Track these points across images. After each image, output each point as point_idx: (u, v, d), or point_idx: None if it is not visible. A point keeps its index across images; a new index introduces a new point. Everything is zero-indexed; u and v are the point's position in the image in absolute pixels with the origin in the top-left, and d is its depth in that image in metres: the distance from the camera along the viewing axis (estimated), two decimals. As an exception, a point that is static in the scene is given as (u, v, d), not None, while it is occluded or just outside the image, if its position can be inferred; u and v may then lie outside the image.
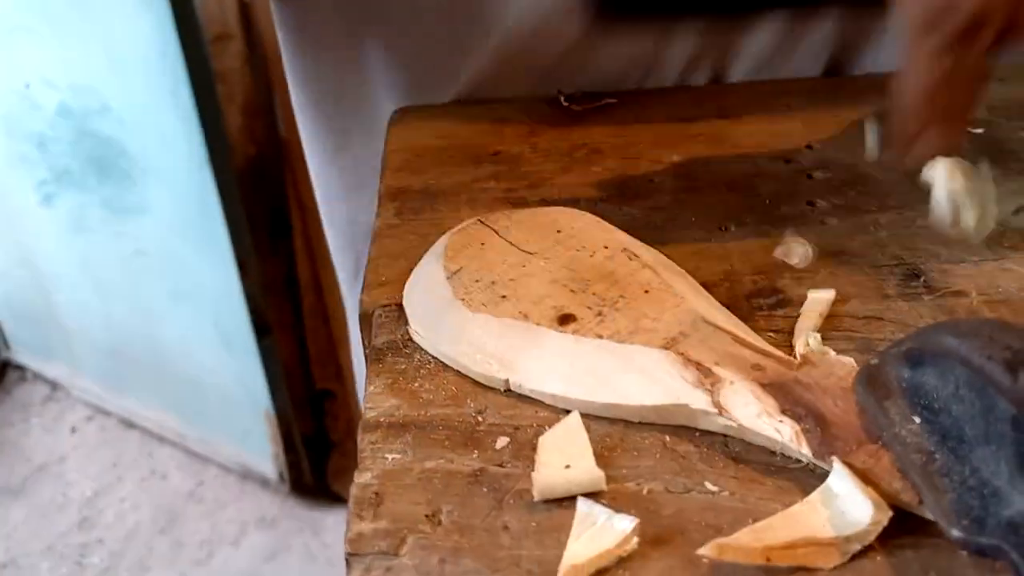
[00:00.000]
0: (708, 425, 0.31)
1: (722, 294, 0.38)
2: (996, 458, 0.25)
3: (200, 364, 1.53)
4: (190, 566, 1.51)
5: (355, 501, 0.30)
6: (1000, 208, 0.42)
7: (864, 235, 0.41)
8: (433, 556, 0.28)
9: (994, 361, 0.24)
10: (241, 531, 1.56)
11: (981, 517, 0.24)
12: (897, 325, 0.35)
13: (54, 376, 1.78)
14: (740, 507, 0.29)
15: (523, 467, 0.31)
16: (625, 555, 0.27)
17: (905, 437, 0.27)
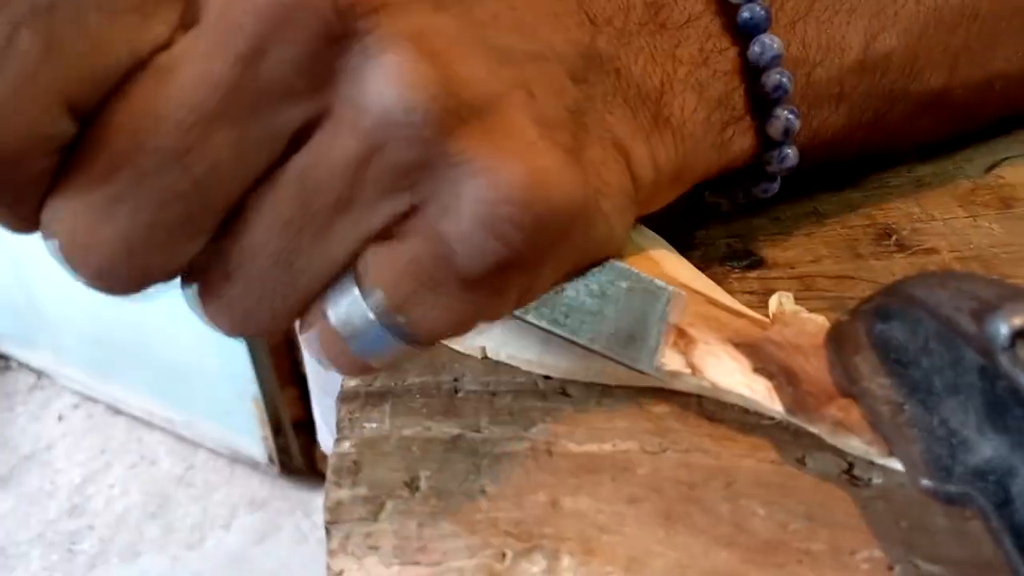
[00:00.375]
0: (682, 385, 0.31)
1: (696, 258, 0.38)
2: (964, 408, 0.25)
3: (186, 349, 1.52)
4: (181, 549, 1.51)
5: (333, 470, 0.30)
6: (974, 166, 0.43)
7: (838, 197, 0.41)
8: (411, 521, 0.28)
9: (961, 311, 0.24)
10: (232, 514, 1.57)
11: (949, 466, 0.24)
12: (869, 283, 0.36)
13: (39, 365, 1.78)
14: (714, 464, 0.29)
15: (500, 432, 0.31)
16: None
17: (875, 390, 0.27)
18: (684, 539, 0.27)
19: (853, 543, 0.26)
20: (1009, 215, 0.39)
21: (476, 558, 0.27)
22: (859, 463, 0.28)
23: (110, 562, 1.49)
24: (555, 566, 0.26)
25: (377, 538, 0.28)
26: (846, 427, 0.27)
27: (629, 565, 0.26)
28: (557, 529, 0.27)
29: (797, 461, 0.29)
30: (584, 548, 0.27)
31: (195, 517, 1.52)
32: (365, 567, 0.27)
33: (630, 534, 0.27)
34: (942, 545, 0.26)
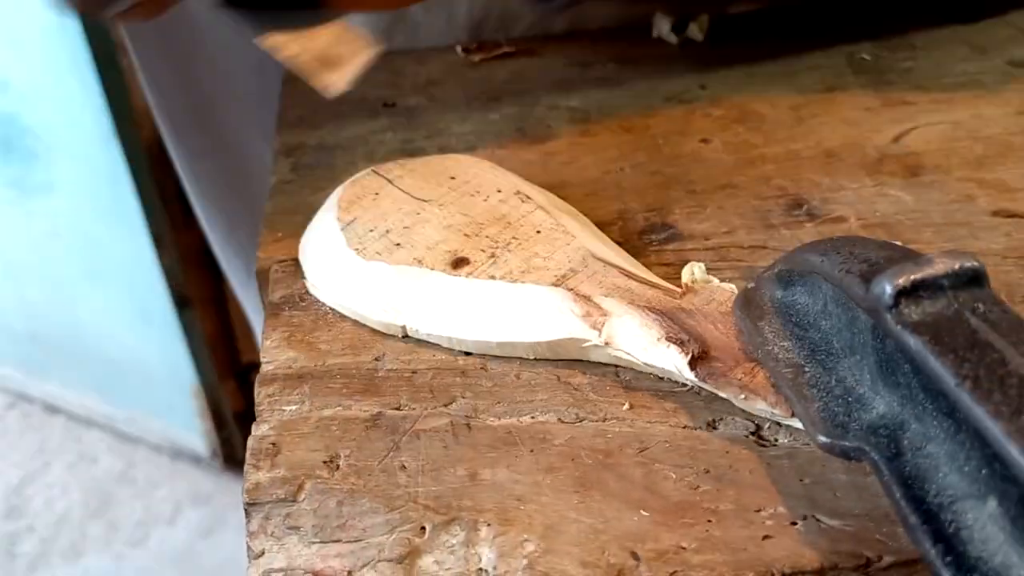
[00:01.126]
0: (599, 357, 0.32)
1: (616, 232, 0.38)
2: (860, 367, 0.26)
3: (122, 344, 1.50)
4: (126, 547, 1.49)
5: (251, 453, 0.30)
6: (882, 135, 0.44)
7: (751, 169, 0.42)
8: (331, 499, 0.28)
9: (852, 274, 0.25)
10: (176, 509, 1.55)
11: (845, 423, 0.25)
12: (780, 252, 0.36)
13: (-30, 365, 1.73)
14: (628, 431, 0.30)
15: (420, 408, 0.31)
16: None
17: (778, 353, 0.28)
18: (599, 505, 0.27)
19: (759, 501, 0.27)
20: (915, 183, 0.40)
21: (395, 533, 0.27)
22: (767, 425, 0.29)
23: (52, 563, 1.46)
24: (473, 537, 0.27)
25: (296, 518, 0.28)
26: (752, 390, 0.28)
27: (545, 533, 0.27)
28: (475, 501, 0.28)
29: (708, 425, 0.29)
30: (502, 518, 0.27)
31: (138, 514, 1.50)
32: (285, 547, 0.28)
33: (546, 503, 0.27)
34: (843, 499, 0.27)
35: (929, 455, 0.23)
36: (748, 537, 0.26)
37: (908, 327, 0.22)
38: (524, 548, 0.26)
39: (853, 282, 0.25)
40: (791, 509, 0.26)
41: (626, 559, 0.26)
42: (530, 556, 0.26)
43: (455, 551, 0.27)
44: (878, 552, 0.25)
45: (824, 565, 0.25)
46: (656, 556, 0.26)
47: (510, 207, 0.37)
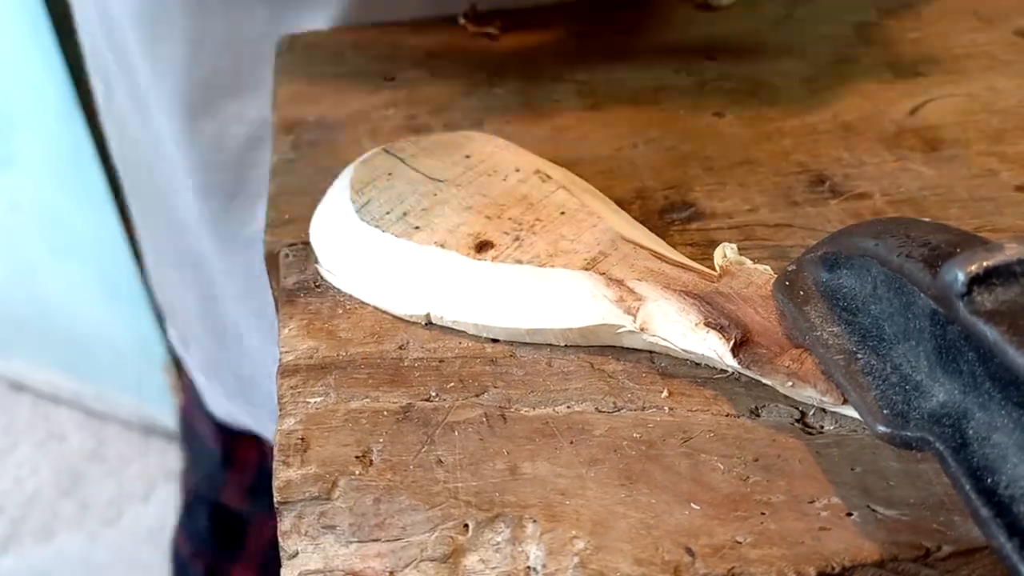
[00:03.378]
0: (633, 343, 0.31)
1: (635, 211, 0.37)
2: (916, 353, 0.26)
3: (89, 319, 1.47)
4: (99, 526, 1.47)
5: (279, 449, 0.29)
6: (897, 109, 0.43)
7: (769, 144, 0.41)
8: (367, 497, 0.27)
9: (912, 259, 0.24)
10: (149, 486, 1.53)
11: (904, 412, 0.25)
12: (807, 231, 0.36)
13: (-69, 344, 1.69)
14: (670, 420, 0.29)
15: (451, 399, 0.30)
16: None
17: (827, 339, 0.27)
18: (646, 498, 0.26)
19: (811, 491, 0.26)
20: (936, 157, 0.40)
21: (437, 531, 0.26)
22: (811, 412, 0.29)
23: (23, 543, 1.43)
24: (519, 534, 0.26)
25: (332, 516, 0.27)
26: (800, 378, 0.28)
27: (594, 529, 0.26)
28: (518, 496, 0.27)
29: (751, 413, 0.29)
30: (547, 514, 0.26)
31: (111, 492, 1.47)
32: (321, 547, 0.27)
33: (592, 497, 0.27)
34: (896, 488, 0.26)
35: (996, 445, 0.23)
36: (804, 530, 0.25)
37: (982, 316, 0.21)
38: (574, 545, 0.25)
39: (915, 268, 0.24)
40: (845, 499, 0.26)
41: (681, 555, 0.25)
42: (581, 554, 0.25)
43: (501, 549, 0.26)
44: (937, 542, 0.25)
45: (884, 557, 0.25)
46: (712, 552, 0.25)
47: (530, 187, 0.36)
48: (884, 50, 0.48)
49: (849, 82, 0.45)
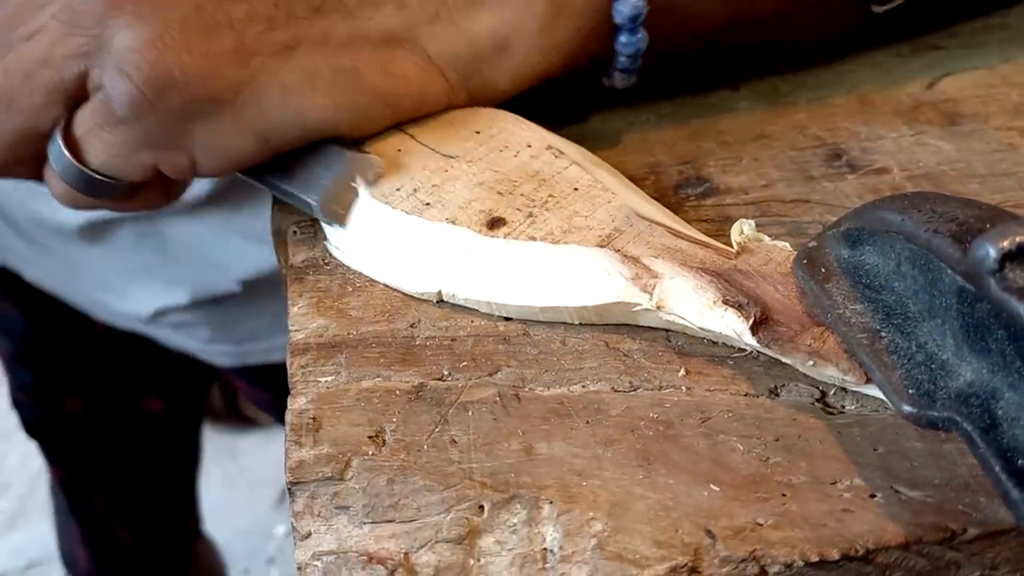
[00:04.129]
0: (650, 321, 0.30)
1: (649, 187, 0.37)
2: (941, 332, 0.25)
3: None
4: (105, 503, 1.47)
5: (291, 428, 0.28)
6: (914, 82, 0.42)
7: (783, 118, 0.41)
8: (381, 477, 0.27)
9: (940, 235, 0.24)
10: (155, 463, 1.52)
11: (931, 391, 0.24)
12: (824, 207, 0.35)
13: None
14: (687, 400, 0.28)
15: (464, 378, 0.30)
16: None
17: (849, 317, 0.27)
18: (665, 479, 0.26)
19: (833, 472, 0.26)
20: (955, 132, 0.39)
21: (452, 512, 0.26)
22: (832, 391, 0.28)
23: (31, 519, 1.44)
24: (536, 515, 0.26)
25: (345, 497, 0.27)
26: (822, 356, 0.27)
27: (612, 510, 0.25)
28: (534, 477, 0.26)
29: (770, 392, 0.28)
30: (564, 495, 0.26)
31: (116, 469, 1.47)
32: (334, 528, 0.26)
33: (609, 478, 0.26)
34: (920, 469, 0.26)
35: (1026, 426, 0.22)
36: (827, 511, 0.25)
37: (1015, 293, 0.21)
38: (591, 527, 0.25)
39: (944, 243, 0.23)
40: (868, 481, 0.25)
41: (701, 537, 0.24)
42: (599, 535, 0.25)
43: (517, 530, 0.26)
44: (962, 524, 0.24)
45: (908, 539, 0.24)
46: (732, 533, 0.24)
47: (542, 163, 0.35)
48: (899, 22, 0.47)
49: (865, 55, 0.45)
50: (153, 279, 0.66)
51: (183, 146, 0.33)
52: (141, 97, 0.31)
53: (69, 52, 0.32)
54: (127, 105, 0.32)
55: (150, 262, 0.65)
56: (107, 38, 0.32)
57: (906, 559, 0.24)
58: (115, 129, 0.33)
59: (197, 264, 0.65)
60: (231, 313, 0.68)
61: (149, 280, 0.66)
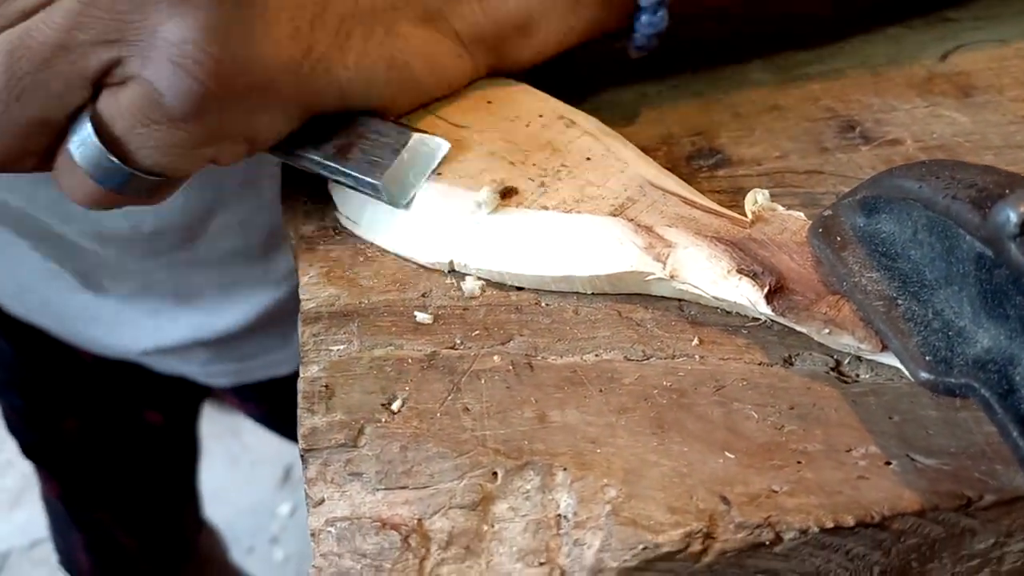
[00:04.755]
0: (662, 291, 0.30)
1: (661, 158, 0.36)
2: (959, 299, 0.25)
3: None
4: (109, 481, 1.47)
5: (304, 396, 0.28)
6: (927, 53, 0.42)
7: (796, 89, 0.40)
8: (394, 444, 0.27)
9: (960, 200, 0.23)
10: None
11: (948, 358, 0.24)
12: (838, 177, 0.35)
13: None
14: (701, 369, 0.28)
15: (476, 347, 0.30)
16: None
17: (866, 285, 0.26)
18: (679, 447, 0.26)
19: (848, 440, 0.26)
20: (969, 103, 0.39)
21: (466, 479, 0.26)
22: (846, 360, 0.28)
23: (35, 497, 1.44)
24: (549, 482, 0.26)
25: (358, 464, 0.27)
26: (838, 325, 0.27)
27: (626, 477, 0.25)
28: (548, 445, 0.26)
29: (784, 361, 0.28)
30: (578, 462, 0.26)
31: (121, 447, 1.48)
32: (347, 494, 0.26)
33: (623, 445, 0.26)
34: (935, 437, 0.26)
35: (1045, 392, 0.22)
36: (842, 479, 0.25)
37: (1036, 258, 0.21)
38: (605, 493, 0.25)
39: (963, 209, 0.23)
40: (883, 448, 0.25)
41: (716, 504, 0.24)
42: (613, 502, 0.25)
43: (530, 497, 0.26)
44: (979, 491, 0.24)
45: (924, 506, 0.24)
46: (748, 500, 0.24)
47: (555, 132, 0.35)
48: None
49: (877, 26, 0.44)
50: (149, 319, 0.63)
51: (242, 134, 0.31)
52: (205, 92, 0.29)
53: (95, 38, 0.28)
54: (189, 101, 0.29)
55: (148, 307, 0.62)
56: (150, 26, 0.28)
57: (921, 526, 0.24)
58: (171, 127, 0.29)
59: (196, 307, 0.62)
60: (231, 341, 0.65)
61: (145, 320, 0.63)
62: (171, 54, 0.28)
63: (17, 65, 0.29)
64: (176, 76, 0.28)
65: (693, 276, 0.29)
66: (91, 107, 0.30)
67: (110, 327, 0.64)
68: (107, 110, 0.30)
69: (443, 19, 0.34)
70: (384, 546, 0.25)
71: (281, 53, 0.30)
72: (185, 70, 0.28)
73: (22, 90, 0.29)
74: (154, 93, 0.29)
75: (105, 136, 0.30)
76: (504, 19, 0.35)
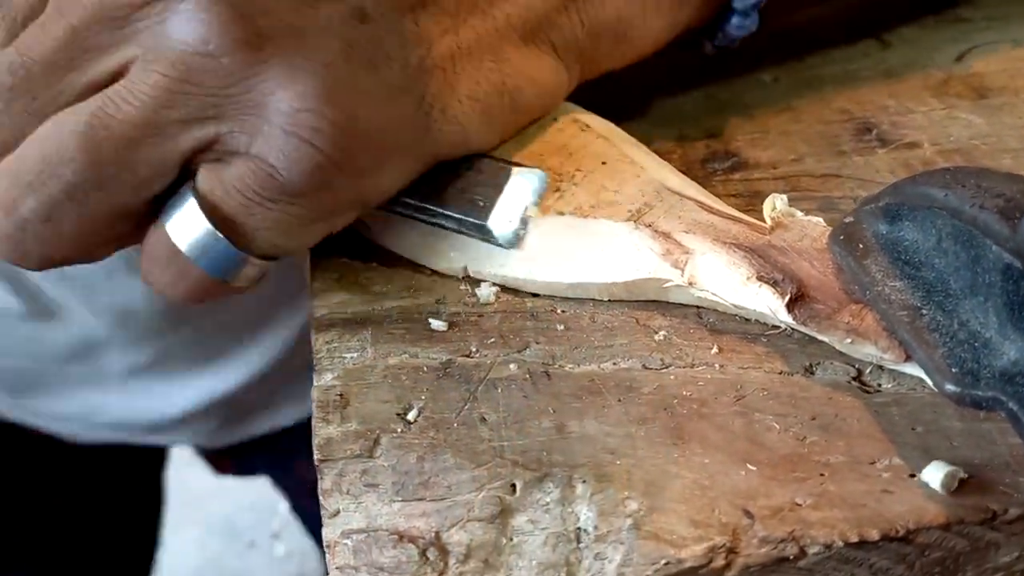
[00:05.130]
0: (681, 298, 0.30)
1: (676, 161, 0.36)
2: (984, 309, 0.24)
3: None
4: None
5: (318, 405, 0.28)
6: (942, 55, 0.42)
7: (810, 91, 0.40)
8: (410, 455, 0.27)
9: (987, 210, 0.23)
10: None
11: (975, 370, 0.24)
12: (856, 181, 0.35)
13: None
14: (721, 378, 0.28)
15: (492, 355, 0.29)
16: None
17: (889, 294, 0.26)
18: (700, 459, 0.26)
19: (871, 452, 0.25)
20: (985, 105, 0.38)
21: (484, 490, 0.26)
22: (868, 370, 0.28)
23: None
24: (569, 494, 0.25)
25: (374, 475, 0.26)
26: (860, 334, 0.27)
27: (647, 489, 0.25)
28: (566, 456, 0.26)
29: (805, 370, 0.28)
30: (597, 474, 0.25)
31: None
32: (363, 506, 0.26)
33: (643, 457, 0.26)
34: (960, 449, 0.25)
35: (1075, 406, 0.22)
36: (866, 491, 0.24)
37: (1069, 271, 0.20)
38: (626, 506, 0.25)
39: (991, 220, 0.23)
40: (907, 460, 0.25)
41: (739, 517, 0.24)
42: (634, 515, 0.24)
43: (550, 509, 0.25)
44: (1004, 504, 0.24)
45: (950, 520, 0.24)
46: (771, 514, 0.24)
47: (568, 136, 0.34)
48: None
49: (890, 26, 0.44)
50: (161, 387, 0.59)
51: (360, 199, 0.29)
52: (325, 162, 0.26)
53: (188, 115, 0.26)
54: (309, 174, 0.26)
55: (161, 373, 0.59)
56: (255, 98, 0.26)
57: (946, 539, 0.24)
58: (288, 203, 0.27)
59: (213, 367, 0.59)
60: (241, 405, 0.62)
61: (157, 387, 0.59)
62: (285, 125, 0.26)
63: (98, 150, 0.26)
64: (293, 148, 0.26)
65: (712, 283, 0.29)
66: (191, 186, 0.27)
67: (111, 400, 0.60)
68: (211, 191, 0.27)
69: (542, 33, 0.32)
70: (402, 559, 0.25)
71: (396, 106, 0.28)
72: (303, 140, 0.26)
73: (105, 178, 0.26)
74: (268, 169, 0.26)
75: (215, 219, 0.27)
76: (601, 28, 0.33)
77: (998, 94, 0.39)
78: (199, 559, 1.43)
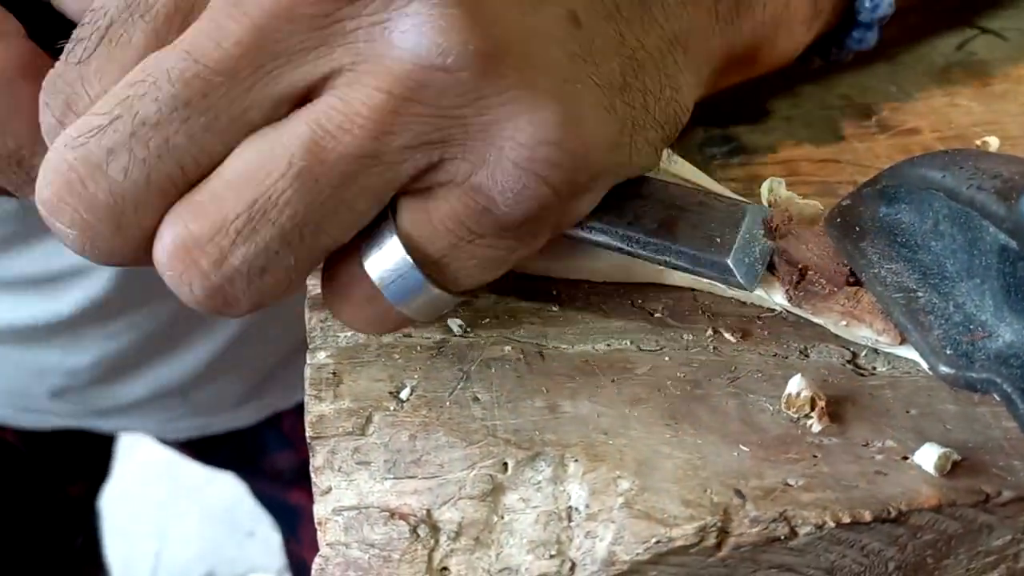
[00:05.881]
0: (674, 280, 0.30)
1: (675, 145, 0.36)
2: (980, 292, 0.24)
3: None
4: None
5: (311, 383, 0.28)
6: (945, 42, 0.42)
7: (810, 76, 0.40)
8: (403, 433, 0.26)
9: (984, 191, 0.23)
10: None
11: (969, 352, 0.23)
12: (855, 167, 0.35)
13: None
14: (715, 360, 0.28)
15: (486, 335, 0.29)
16: None
17: (885, 277, 0.26)
18: (693, 439, 0.26)
19: (865, 434, 0.25)
20: (986, 93, 0.38)
21: (476, 469, 0.26)
22: (863, 353, 0.28)
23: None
24: (561, 473, 0.25)
25: (366, 452, 0.26)
26: (856, 317, 0.26)
27: (639, 469, 0.25)
28: (559, 435, 0.26)
29: (800, 353, 0.28)
30: (589, 453, 0.25)
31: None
32: (355, 483, 0.26)
33: (636, 437, 0.26)
34: (954, 431, 0.25)
35: (1069, 388, 0.22)
36: (859, 473, 0.24)
37: (1064, 251, 0.20)
38: (618, 485, 0.25)
39: (988, 200, 0.23)
40: (900, 442, 0.25)
41: (731, 497, 0.24)
42: (626, 494, 0.24)
43: (542, 488, 0.25)
44: (997, 487, 0.24)
45: (942, 502, 0.24)
46: (763, 494, 0.24)
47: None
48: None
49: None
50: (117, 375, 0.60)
51: (557, 226, 0.26)
52: (552, 198, 0.23)
53: (412, 140, 0.22)
54: (531, 210, 0.23)
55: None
56: (486, 121, 0.22)
57: (938, 521, 0.24)
58: (496, 238, 0.24)
59: (165, 353, 0.59)
60: (192, 393, 0.62)
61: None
62: (518, 157, 0.22)
63: (317, 191, 0.22)
64: (523, 185, 0.23)
65: (707, 265, 0.29)
66: (392, 222, 0.24)
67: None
68: (416, 229, 0.24)
69: (691, 51, 0.29)
70: (393, 536, 0.25)
71: (609, 123, 0.25)
72: (537, 176, 0.23)
73: (323, 218, 0.23)
74: (485, 201, 0.23)
75: (418, 257, 0.24)
76: (736, 48, 0.31)
77: (1000, 81, 0.39)
78: (199, 548, 1.44)
